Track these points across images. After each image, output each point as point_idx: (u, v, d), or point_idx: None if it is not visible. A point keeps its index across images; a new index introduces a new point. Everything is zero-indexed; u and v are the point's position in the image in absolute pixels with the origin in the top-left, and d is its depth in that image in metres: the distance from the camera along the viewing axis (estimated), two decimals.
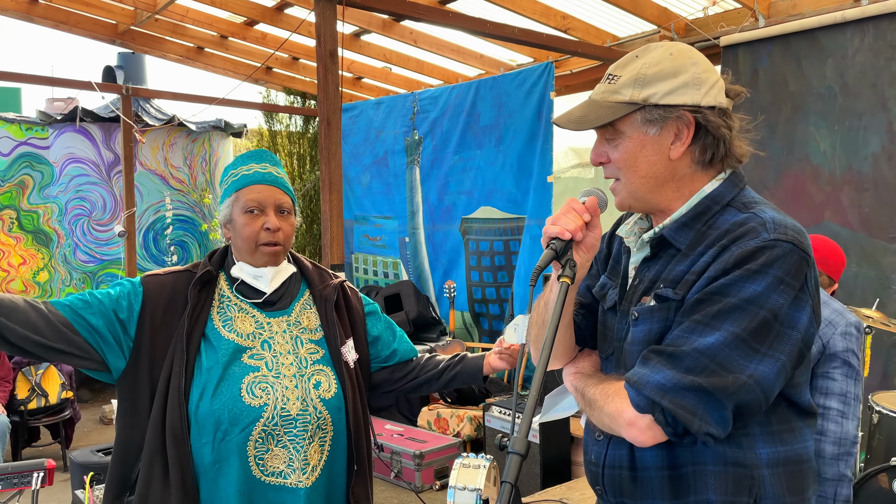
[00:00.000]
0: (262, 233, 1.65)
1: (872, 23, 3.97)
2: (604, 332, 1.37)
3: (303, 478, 1.61)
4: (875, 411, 3.14)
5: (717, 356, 1.10)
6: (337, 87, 3.75)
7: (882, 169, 3.94)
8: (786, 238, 1.13)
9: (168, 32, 6.38)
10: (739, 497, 1.17)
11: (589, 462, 1.33)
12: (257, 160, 1.72)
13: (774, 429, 1.20)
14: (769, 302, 1.10)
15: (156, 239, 7.44)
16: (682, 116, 1.20)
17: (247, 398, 1.58)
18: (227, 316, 1.66)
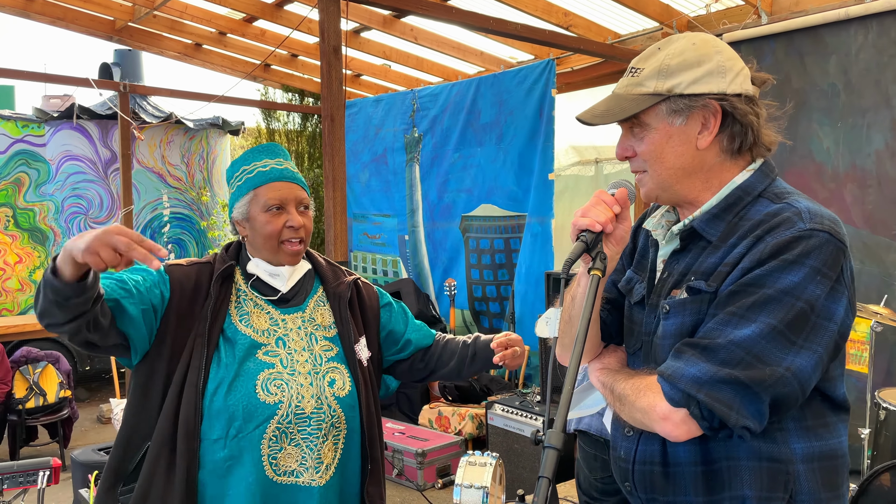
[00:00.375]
0: (285, 230, 1.63)
1: (876, 20, 3.98)
2: (630, 327, 1.36)
3: (316, 476, 1.60)
4: (882, 408, 3.14)
5: (754, 348, 1.08)
6: (341, 84, 3.73)
7: (885, 166, 3.95)
8: (822, 228, 1.12)
9: (166, 29, 6.35)
10: (775, 493, 1.15)
11: (618, 458, 1.31)
12: (271, 155, 1.69)
13: (809, 423, 1.18)
14: (806, 293, 1.09)
15: (153, 237, 7.40)
16: (708, 105, 1.19)
17: (262, 395, 1.57)
18: (244, 311, 1.65)
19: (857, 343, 4.12)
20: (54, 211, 7.00)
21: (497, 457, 2.61)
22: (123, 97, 6.38)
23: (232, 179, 1.71)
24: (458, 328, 6.14)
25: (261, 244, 1.65)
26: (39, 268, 7.01)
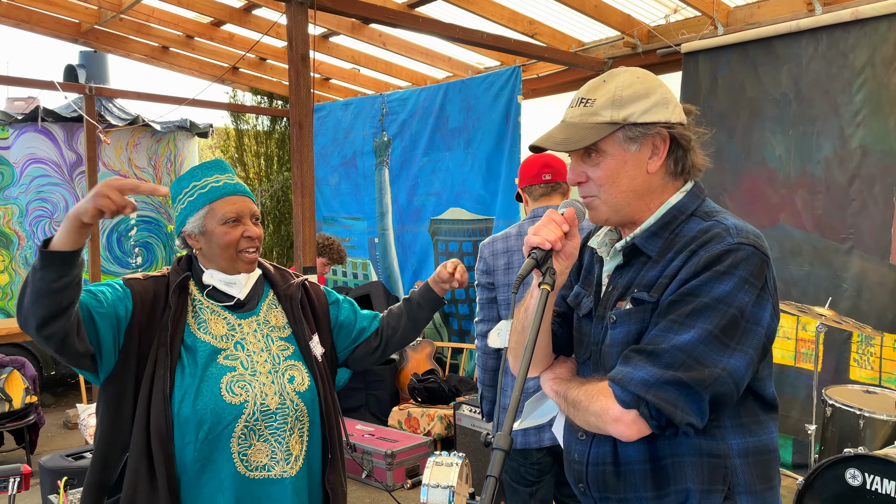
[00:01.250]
0: (242, 240, 1.72)
1: (826, 32, 4.14)
2: (580, 338, 1.45)
3: (287, 468, 1.69)
4: (828, 405, 3.29)
5: (693, 352, 1.19)
6: (309, 91, 3.78)
7: (834, 172, 4.12)
8: (748, 242, 1.24)
9: (132, 32, 6.31)
10: (715, 485, 1.26)
11: (572, 461, 1.40)
12: (221, 171, 1.77)
13: (744, 421, 1.29)
14: (736, 300, 1.20)
15: (119, 241, 7.35)
16: (659, 132, 1.31)
17: (227, 396, 1.64)
18: (202, 319, 1.72)
19: (806, 342, 4.31)
20: (18, 214, 6.90)
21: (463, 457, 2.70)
22: (89, 100, 6.34)
23: (181, 196, 1.75)
24: (428, 330, 6.23)
25: (218, 254, 1.73)
26: (3, 272, 6.92)
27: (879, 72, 3.92)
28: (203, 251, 1.75)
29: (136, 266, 7.45)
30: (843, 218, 4.08)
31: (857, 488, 2.71)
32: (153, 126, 7.21)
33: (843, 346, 4.08)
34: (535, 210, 2.66)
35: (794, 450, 4.26)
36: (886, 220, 3.90)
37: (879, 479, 2.66)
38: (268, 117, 8.23)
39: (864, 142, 3.99)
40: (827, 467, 2.82)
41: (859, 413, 3.12)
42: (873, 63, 3.94)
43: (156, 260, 7.59)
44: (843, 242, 4.08)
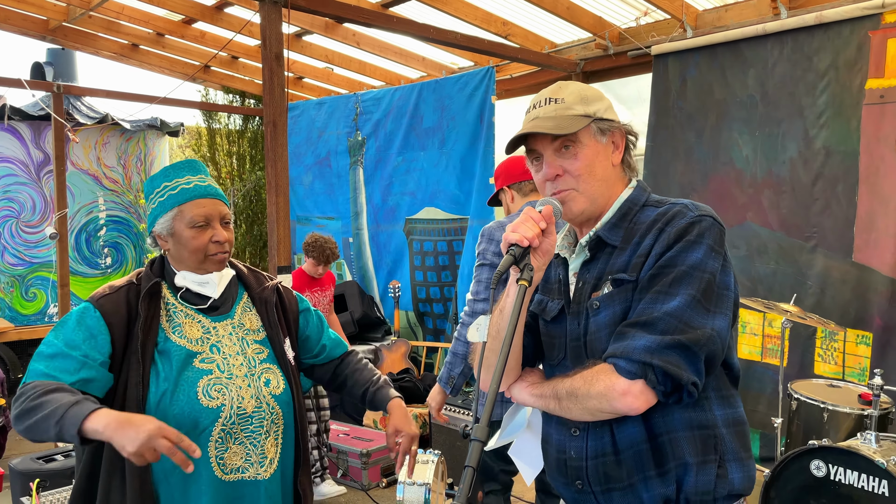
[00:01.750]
0: (210, 245, 1.71)
1: (791, 36, 4.25)
2: (551, 342, 1.49)
3: (261, 471, 1.69)
4: (794, 399, 3.39)
5: (683, 316, 1.27)
6: (283, 90, 3.78)
7: (798, 173, 4.23)
8: (707, 213, 1.36)
9: (101, 29, 6.23)
10: (708, 455, 1.33)
11: (568, 460, 1.41)
12: (192, 172, 1.74)
13: (724, 393, 1.39)
14: (708, 267, 1.30)
15: (88, 241, 7.24)
16: (619, 128, 1.43)
17: (204, 400, 1.64)
18: (176, 323, 1.71)
19: (772, 338, 4.42)
20: None
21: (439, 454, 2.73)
22: (57, 98, 6.23)
23: (153, 195, 1.75)
24: (403, 329, 6.24)
25: (186, 257, 1.71)
26: None
27: (842, 75, 4.03)
28: (172, 253, 1.74)
29: (106, 267, 7.34)
30: (807, 217, 4.19)
31: (822, 479, 2.79)
32: (123, 125, 7.12)
33: (808, 341, 4.19)
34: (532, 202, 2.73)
35: (762, 443, 4.36)
36: (849, 218, 4.02)
37: (843, 470, 2.74)
38: (240, 116, 8.17)
39: (827, 143, 4.10)
40: (792, 459, 2.90)
41: (823, 406, 3.21)
42: (836, 66, 4.05)
43: (126, 261, 7.48)
44: (807, 241, 4.19)
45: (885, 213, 3.88)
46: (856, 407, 3.17)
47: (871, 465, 2.64)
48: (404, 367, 5.62)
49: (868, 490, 2.66)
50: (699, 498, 1.33)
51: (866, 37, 3.93)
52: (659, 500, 1.33)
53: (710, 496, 1.33)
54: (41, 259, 6.92)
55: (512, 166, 2.86)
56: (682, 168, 4.72)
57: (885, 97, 3.88)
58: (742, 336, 4.49)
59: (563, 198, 1.41)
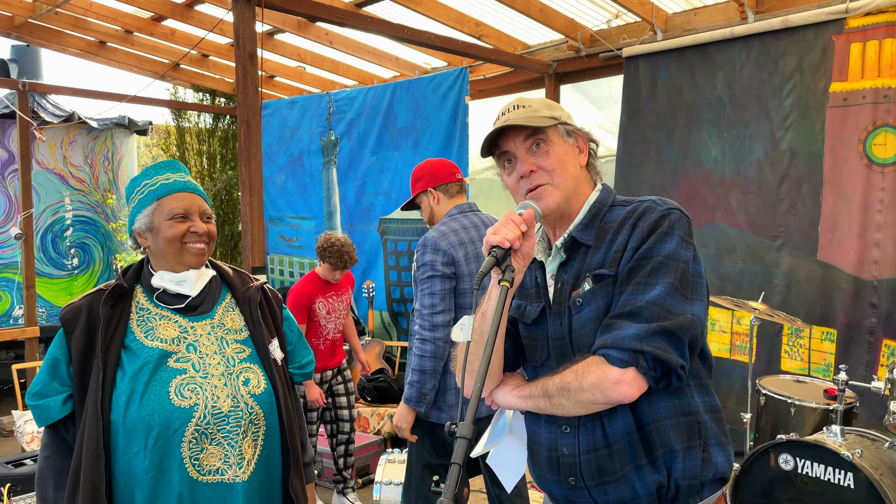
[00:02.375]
0: (188, 234, 1.70)
1: (758, 39, 4.35)
2: (532, 344, 1.52)
3: (239, 472, 1.66)
4: (762, 394, 3.47)
5: (665, 303, 1.32)
6: (257, 89, 3.75)
7: (765, 173, 4.33)
8: (675, 206, 1.44)
9: (68, 26, 6.10)
10: (693, 441, 1.39)
11: (561, 457, 1.44)
12: (173, 170, 1.75)
13: (702, 382, 1.45)
14: (682, 256, 1.37)
15: (54, 241, 7.10)
16: (582, 134, 1.52)
17: (176, 400, 1.61)
18: (149, 326, 1.68)
19: (740, 335, 4.51)
20: None
21: None
22: (22, 95, 6.10)
23: (133, 194, 1.74)
24: (377, 329, 6.23)
25: (164, 249, 1.69)
26: None
27: (807, 78, 4.14)
28: (152, 249, 1.73)
29: (73, 268, 7.21)
30: (773, 217, 4.29)
31: (789, 472, 2.87)
32: (90, 123, 6.99)
33: (775, 338, 4.29)
34: (459, 206, 2.84)
35: (731, 438, 4.45)
36: (813, 218, 4.12)
37: (809, 463, 2.82)
38: (210, 115, 8.07)
39: (792, 144, 4.20)
40: (761, 453, 2.97)
41: (790, 401, 3.30)
42: (801, 69, 4.16)
43: (93, 261, 7.36)
44: (773, 240, 4.29)
45: (849, 213, 3.99)
46: (821, 402, 3.26)
47: (837, 458, 2.72)
48: (379, 367, 5.61)
49: (834, 483, 2.74)
50: (688, 483, 1.38)
51: (830, 41, 4.04)
52: (652, 487, 1.38)
53: (697, 480, 1.39)
54: (6, 260, 6.77)
55: (437, 168, 2.88)
56: (652, 168, 4.80)
57: (848, 100, 3.99)
58: (711, 333, 4.58)
59: (539, 193, 1.44)
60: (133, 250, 1.79)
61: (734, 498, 3.04)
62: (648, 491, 1.38)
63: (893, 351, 3.82)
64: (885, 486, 2.62)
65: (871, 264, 3.91)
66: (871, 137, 3.91)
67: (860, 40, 3.94)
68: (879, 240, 3.88)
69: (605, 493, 1.41)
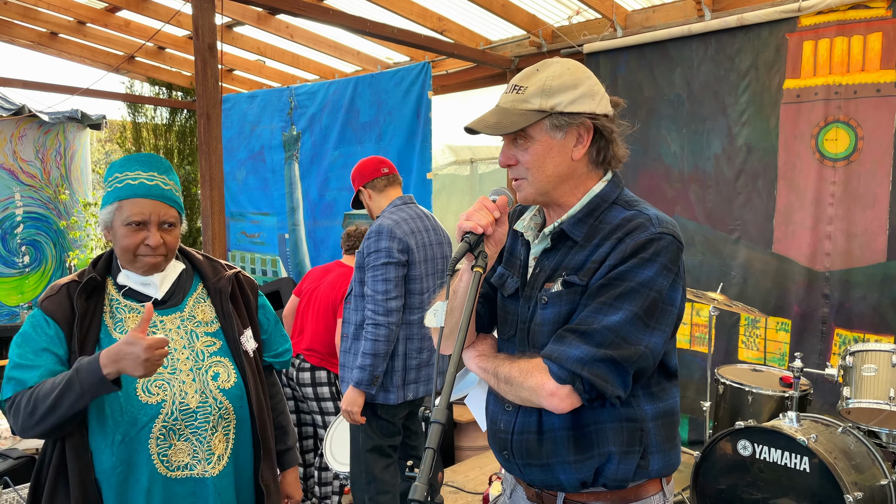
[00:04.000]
0: (141, 247, 1.65)
1: (714, 37, 4.44)
2: (504, 317, 1.53)
3: (209, 467, 1.65)
4: (721, 383, 3.55)
5: (621, 331, 1.30)
6: (217, 82, 3.68)
7: (722, 168, 4.43)
8: (668, 231, 1.37)
9: (18, 16, 5.91)
10: (633, 447, 1.39)
11: (498, 431, 1.48)
12: (145, 167, 1.68)
13: (653, 390, 1.43)
14: (657, 285, 1.33)
15: (4, 239, 6.87)
16: (583, 122, 1.39)
17: (143, 396, 1.59)
18: (118, 318, 1.66)
19: (700, 326, 4.61)
20: None
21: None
22: None
23: (105, 183, 1.71)
24: None
25: (120, 254, 1.68)
26: None
27: (762, 75, 4.24)
28: (114, 245, 1.70)
29: (24, 266, 6.99)
30: (730, 210, 4.40)
31: (748, 458, 2.95)
32: (40, 117, 6.78)
33: (732, 329, 4.40)
34: (402, 198, 3.02)
35: (690, 427, 4.55)
36: (768, 212, 4.24)
37: (767, 449, 2.90)
38: (167, 109, 7.90)
39: (748, 140, 4.31)
40: (720, 440, 3.04)
41: (748, 390, 3.39)
42: (756, 67, 4.26)
43: (45, 259, 7.14)
44: (730, 233, 4.40)
45: (802, 207, 4.11)
46: (777, 389, 3.35)
47: (794, 443, 2.80)
48: None
49: (791, 467, 2.82)
50: (616, 483, 1.40)
51: (784, 39, 4.15)
52: (575, 482, 1.40)
53: (627, 482, 1.41)
54: None
55: (363, 167, 3.05)
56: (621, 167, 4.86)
57: (801, 97, 4.11)
58: None
59: (517, 186, 1.45)
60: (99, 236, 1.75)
61: (694, 484, 3.11)
62: (572, 483, 1.41)
63: (845, 340, 3.95)
64: (839, 469, 2.70)
65: (823, 256, 4.04)
66: (823, 133, 4.04)
67: (812, 38, 4.06)
68: (831, 232, 4.01)
69: (531, 474, 1.45)
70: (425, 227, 2.96)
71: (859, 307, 3.91)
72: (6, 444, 4.21)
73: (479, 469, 4.34)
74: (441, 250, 3.01)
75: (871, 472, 2.85)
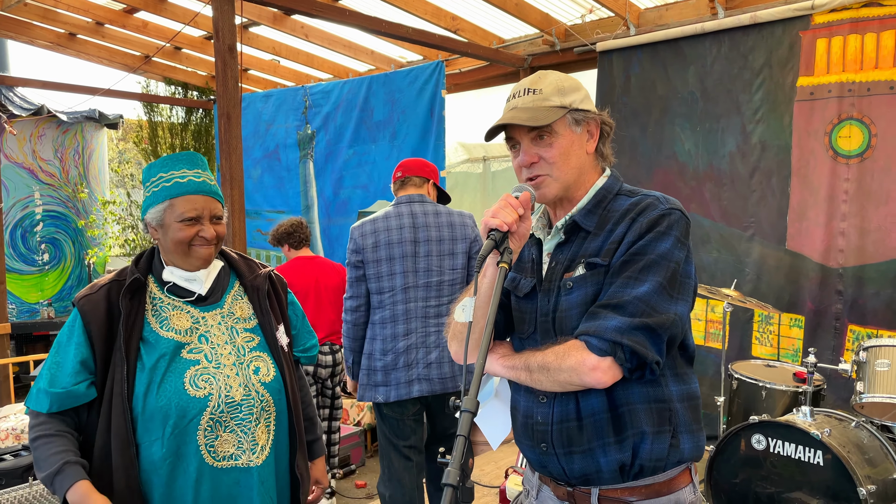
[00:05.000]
0: (196, 238, 1.72)
1: (728, 35, 4.46)
2: (521, 317, 1.59)
3: (253, 457, 1.72)
4: (734, 379, 3.58)
5: (650, 301, 1.38)
6: (236, 82, 3.75)
7: (737, 166, 4.45)
8: (676, 207, 1.47)
9: (38, 18, 6.00)
10: (663, 426, 1.46)
11: (536, 424, 1.52)
12: (189, 165, 1.75)
13: (678, 371, 1.51)
14: (675, 257, 1.42)
15: (24, 237, 6.98)
16: (593, 118, 1.52)
17: (191, 390, 1.66)
18: (163, 316, 1.72)
19: (714, 323, 4.64)
20: None
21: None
22: None
23: (148, 183, 1.76)
24: None
25: (172, 249, 1.73)
26: None
27: (776, 72, 4.26)
28: (161, 243, 1.76)
29: (44, 263, 7.10)
30: (745, 208, 4.42)
31: (762, 452, 2.98)
32: (59, 117, 6.88)
33: (746, 325, 4.43)
34: (401, 197, 3.05)
35: (705, 422, 4.56)
36: (782, 209, 4.26)
37: (781, 443, 2.93)
38: (183, 108, 8.00)
39: (762, 137, 4.33)
40: (735, 434, 3.08)
41: (762, 385, 3.41)
42: (770, 64, 4.28)
43: (64, 257, 7.25)
44: (745, 230, 4.42)
45: (815, 204, 4.13)
46: (791, 385, 3.38)
47: (807, 437, 2.83)
48: None
49: (805, 461, 2.85)
50: (652, 464, 1.45)
51: (797, 36, 4.17)
52: (615, 464, 1.45)
53: (662, 462, 1.46)
54: None
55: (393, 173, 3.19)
56: (627, 162, 4.90)
57: (814, 94, 4.13)
58: None
59: (538, 183, 1.50)
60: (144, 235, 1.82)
61: (709, 478, 3.15)
62: (611, 468, 1.45)
63: (858, 336, 3.97)
64: (852, 462, 2.74)
65: (836, 253, 4.06)
66: (837, 130, 4.05)
67: (826, 36, 4.07)
68: (844, 229, 4.03)
69: (572, 462, 1.49)
70: (399, 225, 2.89)
71: (873, 303, 3.93)
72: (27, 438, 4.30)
73: (493, 463, 4.40)
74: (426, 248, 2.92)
75: (884, 466, 2.88)
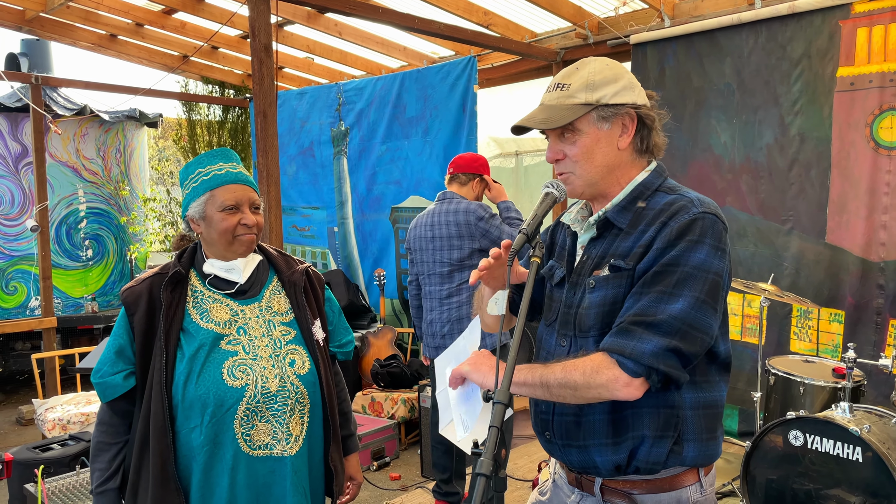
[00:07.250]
0: (238, 227, 1.80)
1: (765, 25, 4.39)
2: (550, 304, 1.60)
3: (287, 447, 1.78)
4: (771, 374, 3.54)
5: (687, 318, 1.33)
6: (272, 81, 3.81)
7: (775, 159, 4.38)
8: (710, 211, 1.41)
9: (79, 20, 6.17)
10: (667, 432, 1.42)
11: (539, 412, 1.55)
12: (225, 159, 1.84)
13: (697, 379, 1.45)
14: (713, 267, 1.36)
15: (69, 233, 7.19)
16: (627, 112, 1.46)
17: (228, 380, 1.73)
18: (203, 308, 1.80)
19: (751, 318, 4.58)
20: None
21: None
22: (35, 89, 6.18)
23: (186, 181, 1.84)
24: (389, 316, 6.32)
25: (216, 239, 1.80)
26: None
27: (815, 63, 4.18)
28: (204, 236, 1.83)
29: (87, 259, 7.31)
30: (783, 201, 4.35)
31: (799, 448, 2.94)
32: (101, 116, 7.07)
33: (784, 320, 4.36)
34: (438, 195, 3.59)
35: (741, 419, 4.53)
36: (822, 202, 4.18)
37: (819, 439, 2.89)
38: (220, 107, 8.14)
39: (801, 129, 4.25)
40: (771, 430, 3.04)
41: (800, 381, 3.37)
42: (809, 55, 4.20)
43: (107, 253, 7.45)
44: (783, 224, 4.35)
45: (856, 196, 4.04)
46: (830, 380, 3.33)
47: (846, 433, 2.79)
48: (391, 353, 5.70)
49: (843, 457, 2.81)
50: (648, 466, 1.43)
51: (837, 26, 4.08)
52: (610, 464, 1.44)
53: (658, 465, 1.43)
54: (21, 252, 6.87)
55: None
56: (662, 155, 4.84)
57: (854, 84, 4.04)
58: None
59: (564, 180, 1.51)
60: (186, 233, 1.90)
61: (745, 474, 3.12)
62: (607, 466, 1.45)
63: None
64: (892, 459, 2.69)
65: (878, 246, 3.97)
66: (878, 121, 3.96)
67: (866, 25, 3.98)
68: (886, 222, 3.94)
69: (570, 455, 1.49)
70: (427, 222, 3.50)
71: None
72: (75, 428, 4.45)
73: (527, 457, 4.41)
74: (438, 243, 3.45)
75: None
